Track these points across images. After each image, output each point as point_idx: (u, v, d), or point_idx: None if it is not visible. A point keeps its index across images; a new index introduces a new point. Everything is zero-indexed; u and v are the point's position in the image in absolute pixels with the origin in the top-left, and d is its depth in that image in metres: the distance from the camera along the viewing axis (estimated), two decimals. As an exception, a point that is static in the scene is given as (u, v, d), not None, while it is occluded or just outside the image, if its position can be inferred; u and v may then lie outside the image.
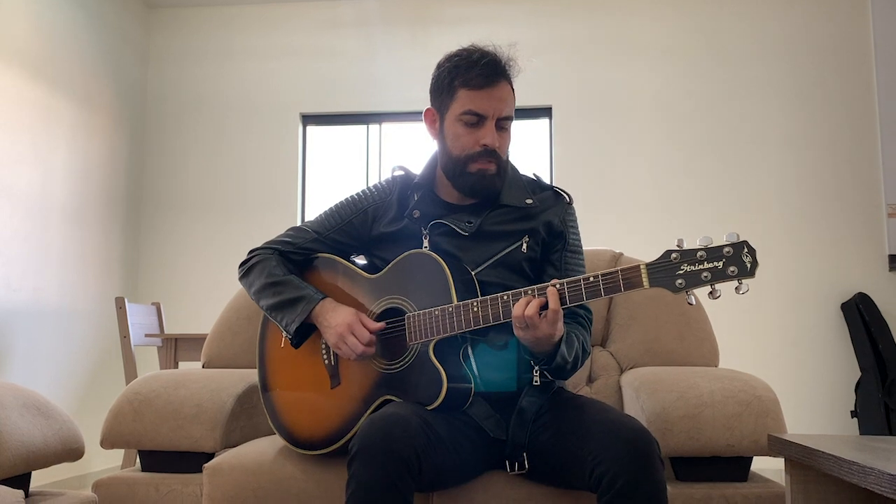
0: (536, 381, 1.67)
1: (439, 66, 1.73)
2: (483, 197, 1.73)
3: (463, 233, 1.70)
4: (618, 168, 4.83)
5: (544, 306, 1.48)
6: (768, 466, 2.46)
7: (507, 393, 1.65)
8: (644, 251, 3.55)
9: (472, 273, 1.67)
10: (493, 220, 1.73)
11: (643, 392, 1.85)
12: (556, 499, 1.59)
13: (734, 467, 1.75)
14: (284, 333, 1.73)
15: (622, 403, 2.06)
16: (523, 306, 1.47)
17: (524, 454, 1.58)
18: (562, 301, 1.48)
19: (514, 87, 1.72)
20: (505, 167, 1.74)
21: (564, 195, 1.79)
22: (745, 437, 1.70)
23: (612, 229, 4.69)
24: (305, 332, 1.72)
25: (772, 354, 4.52)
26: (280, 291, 1.73)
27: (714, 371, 1.92)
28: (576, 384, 2.15)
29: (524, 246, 1.72)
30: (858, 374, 4.44)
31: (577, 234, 1.80)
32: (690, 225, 4.68)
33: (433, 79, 1.75)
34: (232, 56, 5.22)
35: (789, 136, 4.73)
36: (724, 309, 4.11)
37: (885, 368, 4.31)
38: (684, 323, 2.17)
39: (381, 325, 1.65)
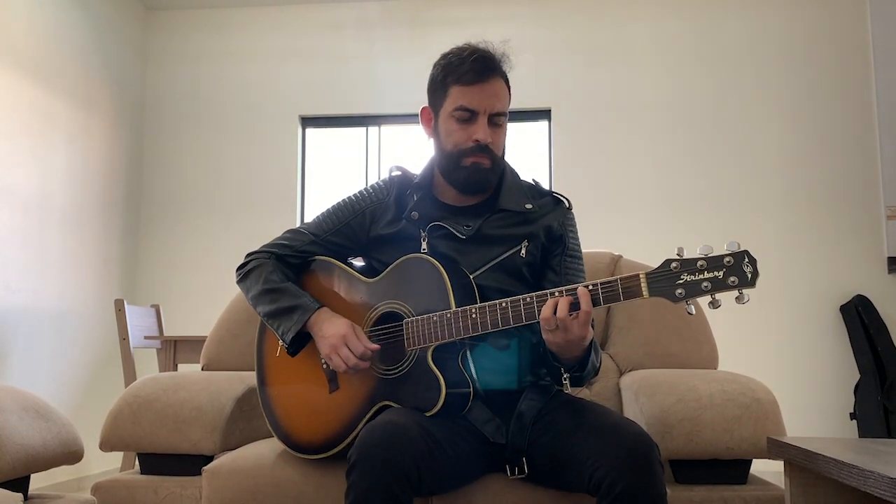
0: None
1: (434, 65, 1.75)
2: (477, 191, 1.74)
3: (461, 236, 1.70)
4: (617, 170, 4.83)
5: (574, 307, 1.46)
6: (768, 469, 2.45)
7: (506, 396, 1.65)
8: (643, 253, 3.55)
9: (471, 277, 1.67)
10: (492, 225, 1.73)
11: (642, 394, 1.85)
12: (556, 502, 1.59)
13: (733, 470, 1.75)
14: (281, 342, 1.72)
15: (621, 406, 2.06)
16: (552, 308, 1.45)
17: (523, 459, 1.57)
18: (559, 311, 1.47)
19: (509, 84, 1.72)
20: (499, 163, 1.74)
21: (564, 200, 1.79)
22: (744, 439, 1.70)
23: (612, 232, 4.69)
24: (301, 342, 1.72)
25: (771, 357, 4.52)
26: (276, 299, 1.72)
27: (713, 374, 1.92)
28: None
29: (523, 251, 1.71)
30: (857, 376, 4.43)
31: (577, 238, 1.79)
32: (689, 227, 4.68)
33: (429, 78, 1.76)
34: (231, 58, 5.22)
35: (788, 138, 4.73)
36: (723, 312, 4.10)
37: (884, 371, 4.31)
38: (684, 325, 2.17)
39: (375, 346, 1.64)
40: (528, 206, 1.74)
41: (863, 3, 4.75)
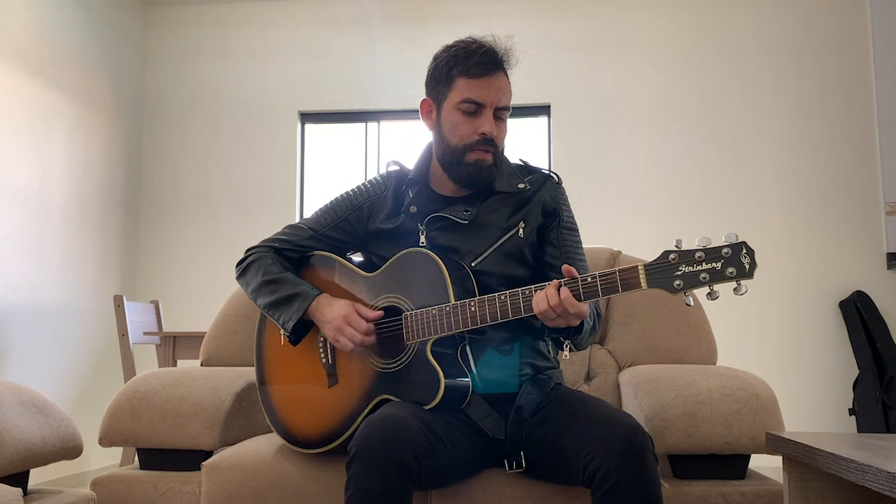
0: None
1: (436, 57, 1.75)
2: (478, 187, 1.74)
3: (462, 221, 1.71)
4: (616, 166, 4.83)
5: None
6: (766, 464, 2.46)
7: (504, 390, 1.65)
8: (643, 249, 3.56)
9: (469, 267, 1.68)
10: (488, 209, 1.74)
11: (641, 390, 1.86)
12: (553, 496, 1.59)
13: (732, 465, 1.75)
14: (282, 331, 1.73)
15: (620, 401, 2.06)
16: (546, 301, 1.46)
17: (521, 453, 1.58)
18: None
19: (510, 80, 1.73)
20: (500, 158, 1.75)
21: (553, 175, 1.80)
22: (743, 434, 1.70)
23: (611, 227, 4.69)
24: (303, 329, 1.72)
25: (770, 352, 4.53)
26: (276, 290, 1.73)
27: (712, 369, 1.93)
28: (574, 381, 2.15)
29: (521, 231, 1.72)
30: (856, 372, 4.44)
31: (570, 212, 1.80)
32: (689, 223, 4.68)
33: (430, 70, 1.76)
34: (230, 54, 5.21)
35: (788, 134, 4.73)
36: (722, 307, 4.12)
37: (882, 366, 4.31)
38: (682, 321, 2.17)
39: (378, 313, 1.65)
40: (521, 185, 1.75)
41: (863, 3, 4.75)
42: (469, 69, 1.67)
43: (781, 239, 4.63)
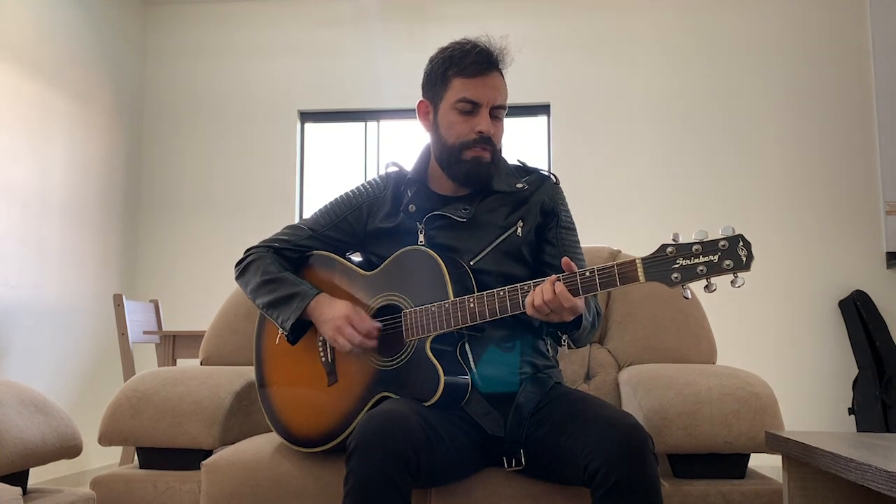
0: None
1: (432, 59, 1.76)
2: (477, 185, 1.74)
3: (460, 220, 1.71)
4: (616, 165, 4.83)
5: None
6: (766, 464, 2.46)
7: (504, 388, 1.65)
8: (642, 248, 3.54)
9: (468, 266, 1.68)
10: (486, 208, 1.74)
11: (641, 389, 1.86)
12: (552, 495, 1.59)
13: (732, 464, 1.75)
14: (281, 331, 1.73)
15: (620, 400, 2.06)
16: (540, 296, 1.47)
17: (521, 451, 1.58)
18: None
19: (505, 79, 1.74)
20: (498, 156, 1.76)
21: (551, 176, 1.81)
22: (742, 433, 1.70)
23: (610, 227, 4.69)
24: (302, 329, 1.72)
25: (769, 352, 4.53)
26: (275, 289, 1.73)
27: (712, 368, 1.93)
28: (574, 381, 2.15)
29: (520, 230, 1.73)
30: (856, 371, 4.44)
31: (569, 211, 1.82)
32: (688, 222, 4.68)
33: (426, 72, 1.77)
34: (230, 53, 5.21)
35: (787, 133, 4.73)
36: (722, 306, 4.11)
37: (882, 366, 4.32)
38: (682, 320, 2.17)
39: (377, 325, 1.65)
40: (519, 185, 1.76)
41: (862, 3, 4.74)
42: (464, 69, 1.68)
43: (781, 238, 4.63)
